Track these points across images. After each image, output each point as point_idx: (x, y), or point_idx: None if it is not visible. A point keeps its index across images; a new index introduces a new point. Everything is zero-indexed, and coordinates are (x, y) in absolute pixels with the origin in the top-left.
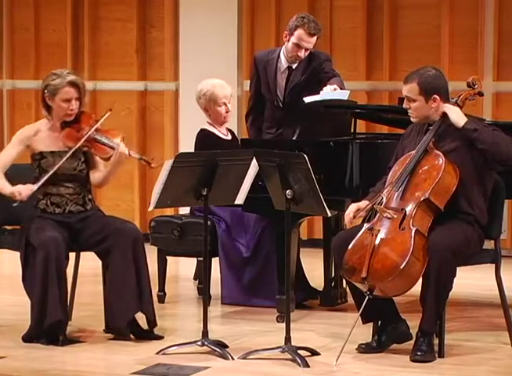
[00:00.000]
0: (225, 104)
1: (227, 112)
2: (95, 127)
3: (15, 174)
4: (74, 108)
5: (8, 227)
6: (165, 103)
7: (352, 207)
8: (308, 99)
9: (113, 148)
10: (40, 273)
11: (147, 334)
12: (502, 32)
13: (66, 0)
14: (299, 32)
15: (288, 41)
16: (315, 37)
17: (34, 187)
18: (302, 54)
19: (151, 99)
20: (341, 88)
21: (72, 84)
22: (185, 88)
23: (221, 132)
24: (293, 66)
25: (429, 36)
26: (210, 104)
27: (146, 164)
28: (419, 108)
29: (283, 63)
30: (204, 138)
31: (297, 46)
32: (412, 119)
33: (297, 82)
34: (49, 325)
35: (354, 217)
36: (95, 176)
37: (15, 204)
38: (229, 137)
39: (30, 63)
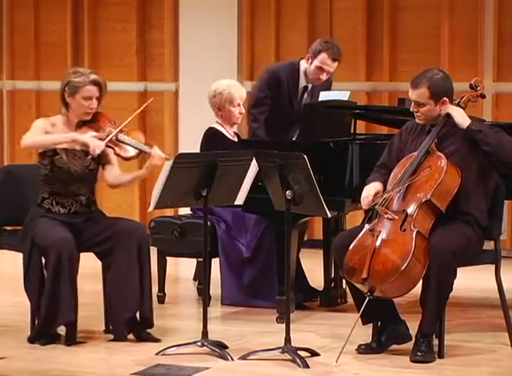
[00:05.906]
0: (239, 105)
1: (240, 113)
2: (121, 128)
3: (18, 174)
4: (94, 107)
5: (8, 227)
6: (165, 104)
7: (370, 190)
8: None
9: (142, 151)
10: (52, 274)
11: (145, 336)
12: (502, 33)
13: (66, 0)
14: (323, 56)
15: (311, 63)
16: (337, 62)
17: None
18: (324, 77)
19: None
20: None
21: (94, 83)
22: (185, 89)
23: (229, 133)
24: (309, 86)
25: (429, 37)
26: (225, 104)
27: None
28: (428, 112)
29: (302, 81)
30: (212, 136)
31: (320, 69)
32: (418, 121)
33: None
34: (61, 326)
35: (373, 201)
36: (116, 177)
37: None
38: (236, 139)
39: (30, 64)
